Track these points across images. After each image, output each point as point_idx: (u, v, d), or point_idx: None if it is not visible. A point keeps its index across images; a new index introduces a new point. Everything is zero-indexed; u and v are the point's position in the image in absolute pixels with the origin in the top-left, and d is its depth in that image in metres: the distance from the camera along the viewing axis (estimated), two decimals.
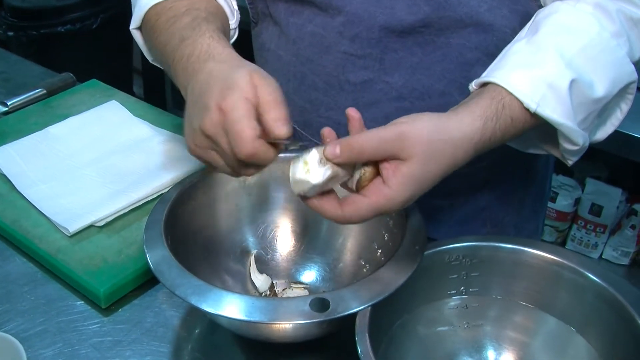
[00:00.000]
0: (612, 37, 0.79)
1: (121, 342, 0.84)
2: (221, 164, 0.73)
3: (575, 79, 0.75)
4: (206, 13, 0.87)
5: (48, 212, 0.99)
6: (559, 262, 0.78)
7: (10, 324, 0.86)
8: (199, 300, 0.71)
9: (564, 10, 0.81)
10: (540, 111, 0.74)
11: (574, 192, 2.22)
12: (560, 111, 0.75)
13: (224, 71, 0.74)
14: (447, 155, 0.70)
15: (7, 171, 1.08)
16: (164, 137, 1.16)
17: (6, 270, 0.94)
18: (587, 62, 0.77)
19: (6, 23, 2.46)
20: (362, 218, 0.68)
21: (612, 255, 2.25)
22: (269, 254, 0.95)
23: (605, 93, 0.78)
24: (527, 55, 0.78)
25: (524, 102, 0.74)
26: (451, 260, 0.81)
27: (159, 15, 0.89)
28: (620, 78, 0.80)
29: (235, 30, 1.00)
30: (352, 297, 0.71)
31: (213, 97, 0.70)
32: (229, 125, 0.68)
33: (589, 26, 0.79)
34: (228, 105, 0.68)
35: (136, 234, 0.96)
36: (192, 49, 0.79)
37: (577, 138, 0.77)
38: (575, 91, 0.76)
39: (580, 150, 0.80)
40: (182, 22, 0.85)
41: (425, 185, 0.69)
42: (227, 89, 0.70)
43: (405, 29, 0.88)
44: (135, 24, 0.96)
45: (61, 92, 1.33)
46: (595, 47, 0.78)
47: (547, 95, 0.74)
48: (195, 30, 0.82)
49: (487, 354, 0.82)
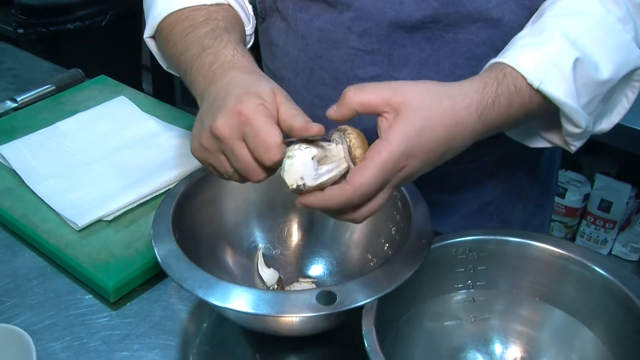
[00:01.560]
0: (618, 21, 0.78)
1: (129, 336, 0.85)
2: (227, 169, 0.72)
3: (580, 58, 0.75)
4: (225, 23, 0.87)
5: (57, 207, 1.00)
6: (566, 255, 0.78)
7: (20, 318, 0.86)
8: (207, 293, 0.71)
9: None
10: (543, 88, 0.74)
11: (583, 188, 2.22)
12: (563, 89, 0.74)
13: (246, 80, 0.74)
14: (446, 107, 0.69)
15: (16, 166, 1.08)
16: (172, 132, 1.17)
17: (15, 264, 0.95)
18: (592, 44, 0.77)
19: (16, 20, 2.47)
20: (372, 185, 0.66)
21: (622, 251, 2.24)
22: (277, 248, 0.95)
23: (610, 76, 0.77)
24: (531, 37, 0.78)
25: (527, 78, 0.74)
26: (458, 254, 0.80)
27: (175, 24, 0.89)
28: (626, 62, 0.79)
29: (252, 37, 1.00)
30: (358, 290, 0.71)
31: (231, 100, 0.69)
32: (253, 131, 0.67)
33: (595, 9, 0.78)
34: (246, 110, 0.68)
35: (144, 229, 0.97)
36: (215, 58, 0.79)
37: (580, 119, 0.77)
38: (579, 71, 0.75)
39: (583, 134, 0.79)
40: (201, 31, 0.85)
41: (426, 138, 0.68)
42: (247, 94, 0.70)
43: (414, 24, 0.88)
44: (149, 33, 0.95)
45: (70, 88, 1.34)
46: (600, 29, 0.77)
47: (550, 72, 0.74)
48: (217, 41, 0.82)
49: (494, 348, 0.82)
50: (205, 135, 0.71)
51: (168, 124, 1.20)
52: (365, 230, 0.92)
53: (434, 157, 0.69)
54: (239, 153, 0.68)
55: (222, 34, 0.83)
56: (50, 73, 1.43)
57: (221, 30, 0.84)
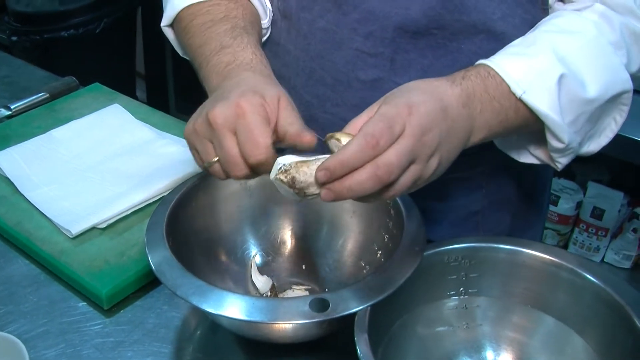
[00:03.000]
0: (609, 44, 0.80)
1: (123, 343, 0.85)
2: (211, 158, 0.72)
3: (566, 74, 0.76)
4: (244, 22, 0.89)
5: (51, 215, 1.00)
6: (557, 262, 0.78)
7: (13, 325, 0.86)
8: (200, 300, 0.72)
9: (567, 15, 0.83)
10: (526, 98, 0.75)
11: (575, 196, 2.23)
12: (546, 102, 0.76)
13: (256, 80, 0.75)
14: (427, 84, 0.73)
15: (10, 174, 1.09)
16: (166, 140, 1.17)
17: (9, 271, 0.95)
18: (581, 62, 0.78)
19: (10, 28, 2.47)
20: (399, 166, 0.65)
21: (614, 258, 2.25)
22: (270, 255, 0.95)
23: (597, 94, 0.79)
24: (520, 47, 0.80)
25: (510, 86, 0.75)
26: (450, 261, 0.81)
27: (195, 16, 0.91)
28: (614, 83, 0.80)
29: (268, 30, 1.02)
30: (351, 297, 0.72)
31: (235, 94, 0.71)
32: (245, 126, 0.68)
33: (588, 30, 0.80)
34: (245, 104, 0.69)
35: (138, 236, 0.97)
36: (232, 58, 0.81)
37: (562, 134, 0.78)
38: (564, 87, 0.77)
39: (567, 150, 0.81)
40: (221, 28, 0.87)
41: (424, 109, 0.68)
42: (252, 92, 0.71)
43: (419, 29, 0.88)
44: (166, 22, 0.97)
45: (64, 96, 1.34)
46: (590, 49, 0.79)
47: (534, 84, 0.75)
48: (237, 41, 0.84)
49: (486, 354, 0.82)
50: (201, 120, 0.72)
51: (162, 132, 1.20)
52: (359, 238, 0.93)
53: (437, 110, 0.70)
54: (227, 144, 0.69)
55: (241, 34, 0.85)
56: (45, 81, 1.43)
57: (240, 30, 0.86)
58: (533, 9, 0.88)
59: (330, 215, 0.95)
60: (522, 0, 0.87)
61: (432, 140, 0.68)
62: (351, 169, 0.64)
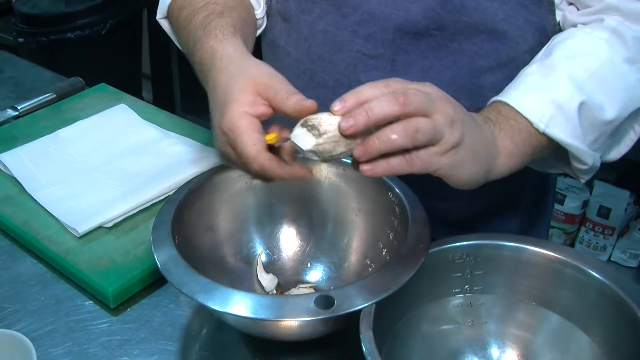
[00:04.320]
0: (624, 62, 0.81)
1: (129, 341, 0.85)
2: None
3: (585, 101, 0.78)
4: (222, 7, 0.88)
5: (57, 214, 1.01)
6: (562, 259, 0.78)
7: (21, 324, 0.87)
8: (206, 298, 0.72)
9: (579, 36, 0.83)
10: (549, 132, 0.77)
11: (582, 195, 2.23)
12: (569, 132, 0.78)
13: (223, 83, 0.75)
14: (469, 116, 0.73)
15: (17, 174, 1.09)
16: (172, 139, 1.17)
17: (16, 271, 0.96)
18: (598, 85, 0.79)
19: (16, 29, 2.48)
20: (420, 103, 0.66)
21: (621, 257, 2.25)
22: (275, 254, 0.96)
23: (615, 115, 0.80)
24: (538, 78, 0.81)
25: (533, 123, 0.77)
26: (455, 259, 0.81)
27: (181, 9, 0.91)
28: (632, 101, 0.82)
29: (264, 20, 1.01)
30: (356, 294, 0.72)
31: (216, 118, 0.73)
32: (234, 145, 0.71)
33: (601, 51, 0.81)
34: (226, 126, 0.71)
35: (144, 235, 0.97)
36: (201, 55, 0.81)
37: (587, 158, 0.80)
38: (584, 113, 0.78)
39: (591, 169, 0.83)
40: (198, 18, 0.86)
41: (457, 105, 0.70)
42: (225, 105, 0.72)
43: (420, 31, 0.88)
44: (160, 15, 0.98)
45: (70, 97, 1.35)
46: (606, 71, 0.80)
47: (556, 116, 0.77)
48: (205, 30, 0.83)
49: (491, 352, 0.82)
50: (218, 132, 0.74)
51: (168, 131, 1.20)
52: (364, 236, 0.93)
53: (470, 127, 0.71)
54: (235, 163, 0.72)
55: (212, 20, 0.84)
56: (51, 81, 1.44)
57: (215, 15, 0.85)
58: (539, 10, 0.88)
59: (335, 214, 0.95)
60: (526, 2, 0.87)
61: (456, 114, 0.69)
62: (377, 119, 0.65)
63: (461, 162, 0.70)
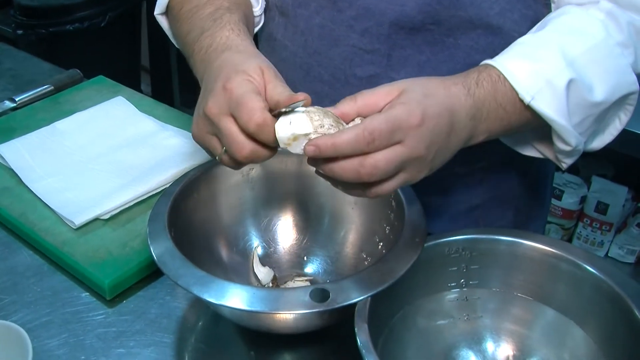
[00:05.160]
0: (617, 46, 0.80)
1: (125, 333, 0.85)
2: (219, 150, 0.72)
3: (574, 78, 0.76)
4: (229, 3, 0.88)
5: (54, 205, 1.01)
6: (558, 254, 0.79)
7: (17, 315, 0.87)
8: (202, 290, 0.72)
9: (574, 13, 0.83)
10: (534, 104, 0.76)
11: (579, 190, 2.23)
12: (554, 107, 0.76)
13: (236, 59, 0.75)
14: (437, 82, 0.73)
15: (14, 165, 1.09)
16: (169, 132, 1.17)
17: (13, 262, 0.96)
18: (589, 65, 0.78)
19: (15, 21, 2.47)
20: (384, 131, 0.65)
21: (618, 253, 2.25)
22: (272, 247, 0.96)
23: (604, 98, 0.79)
24: (530, 48, 0.80)
25: (519, 93, 0.76)
26: (451, 253, 0.81)
27: (182, 3, 0.91)
28: (621, 86, 0.81)
29: (261, 17, 1.02)
30: (352, 287, 0.72)
31: (219, 81, 0.71)
32: (236, 101, 0.68)
33: (596, 31, 0.80)
34: (232, 84, 0.69)
35: (140, 227, 0.98)
36: (211, 41, 0.81)
37: (570, 138, 0.79)
38: (573, 91, 0.77)
39: (573, 152, 0.82)
40: (204, 12, 0.86)
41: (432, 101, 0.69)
42: (235, 72, 0.71)
43: (415, 25, 0.88)
44: (159, 10, 0.98)
45: (68, 89, 1.35)
46: (599, 51, 0.79)
47: (543, 90, 0.76)
48: (217, 22, 0.83)
49: (486, 346, 0.83)
50: (200, 118, 0.73)
51: (165, 124, 1.20)
52: (360, 230, 0.93)
53: (445, 126, 0.70)
54: (225, 127, 0.69)
55: (223, 14, 0.85)
56: (49, 73, 1.44)
57: (224, 10, 0.86)
58: (535, 4, 0.87)
59: (332, 207, 0.95)
60: None
61: (427, 156, 0.69)
62: (340, 155, 0.65)
63: (431, 170, 0.72)
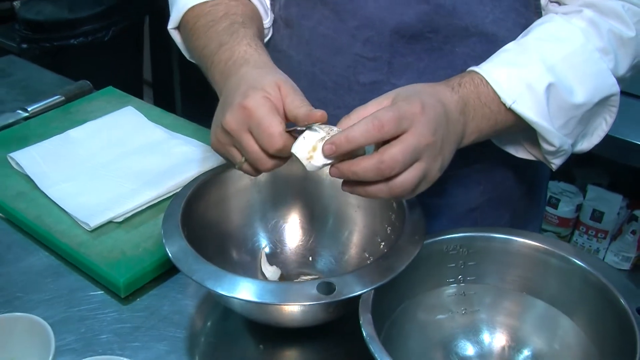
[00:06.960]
0: (597, 51, 0.85)
1: (140, 328, 0.89)
2: (239, 160, 0.78)
3: (553, 82, 0.82)
4: (243, 18, 0.92)
5: (69, 209, 1.05)
6: (548, 250, 0.83)
7: (36, 311, 0.89)
8: (215, 284, 0.76)
9: (556, 21, 0.88)
10: (515, 107, 0.81)
11: (575, 199, 2.26)
12: (535, 110, 0.82)
13: (254, 75, 0.80)
14: (428, 87, 0.78)
15: (29, 171, 1.13)
16: (178, 140, 1.22)
17: (30, 263, 1.00)
18: (568, 69, 0.83)
19: (20, 35, 2.50)
20: (402, 162, 0.70)
21: (614, 260, 2.28)
22: (279, 247, 1.00)
23: (584, 100, 0.84)
24: (512, 55, 0.85)
25: (501, 97, 0.81)
26: (449, 250, 0.86)
27: (197, 18, 0.95)
28: (601, 88, 0.86)
29: (270, 30, 1.06)
30: (356, 281, 0.76)
31: (238, 96, 0.76)
32: (256, 122, 0.73)
33: (575, 38, 0.85)
34: (250, 104, 0.74)
35: (153, 229, 1.02)
36: (230, 54, 0.85)
37: (553, 139, 0.84)
38: (553, 94, 0.82)
39: (559, 152, 0.87)
40: (220, 26, 0.90)
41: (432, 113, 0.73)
42: (253, 89, 0.76)
43: (414, 34, 0.93)
44: (173, 24, 1.01)
45: (79, 99, 1.39)
46: (577, 57, 0.84)
47: (524, 94, 0.81)
48: (234, 36, 0.87)
49: (482, 337, 0.87)
50: (219, 130, 0.77)
51: (174, 132, 1.25)
52: (363, 231, 0.97)
53: (442, 115, 0.75)
54: (246, 144, 0.75)
55: (239, 29, 0.89)
56: (58, 84, 1.47)
57: (239, 25, 0.90)
58: (527, 12, 0.92)
59: (336, 209, 0.99)
60: (515, 5, 0.92)
61: (436, 142, 0.73)
62: (356, 146, 0.70)
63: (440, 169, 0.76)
